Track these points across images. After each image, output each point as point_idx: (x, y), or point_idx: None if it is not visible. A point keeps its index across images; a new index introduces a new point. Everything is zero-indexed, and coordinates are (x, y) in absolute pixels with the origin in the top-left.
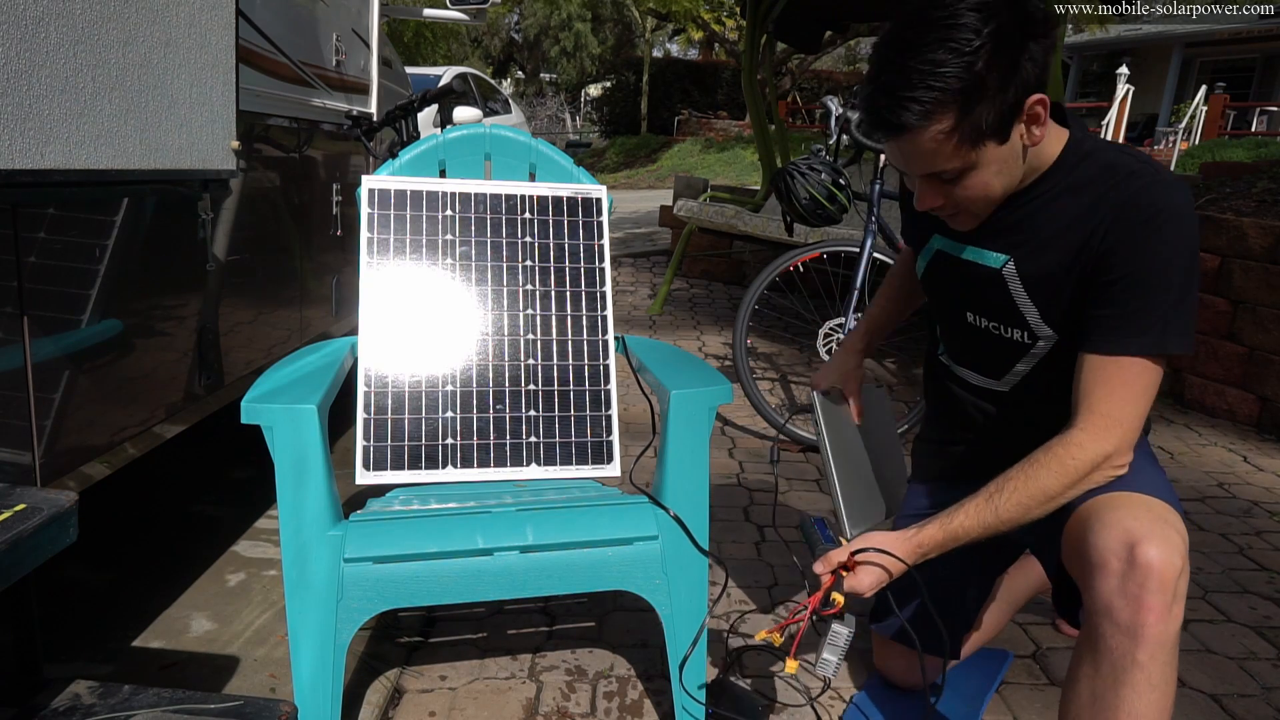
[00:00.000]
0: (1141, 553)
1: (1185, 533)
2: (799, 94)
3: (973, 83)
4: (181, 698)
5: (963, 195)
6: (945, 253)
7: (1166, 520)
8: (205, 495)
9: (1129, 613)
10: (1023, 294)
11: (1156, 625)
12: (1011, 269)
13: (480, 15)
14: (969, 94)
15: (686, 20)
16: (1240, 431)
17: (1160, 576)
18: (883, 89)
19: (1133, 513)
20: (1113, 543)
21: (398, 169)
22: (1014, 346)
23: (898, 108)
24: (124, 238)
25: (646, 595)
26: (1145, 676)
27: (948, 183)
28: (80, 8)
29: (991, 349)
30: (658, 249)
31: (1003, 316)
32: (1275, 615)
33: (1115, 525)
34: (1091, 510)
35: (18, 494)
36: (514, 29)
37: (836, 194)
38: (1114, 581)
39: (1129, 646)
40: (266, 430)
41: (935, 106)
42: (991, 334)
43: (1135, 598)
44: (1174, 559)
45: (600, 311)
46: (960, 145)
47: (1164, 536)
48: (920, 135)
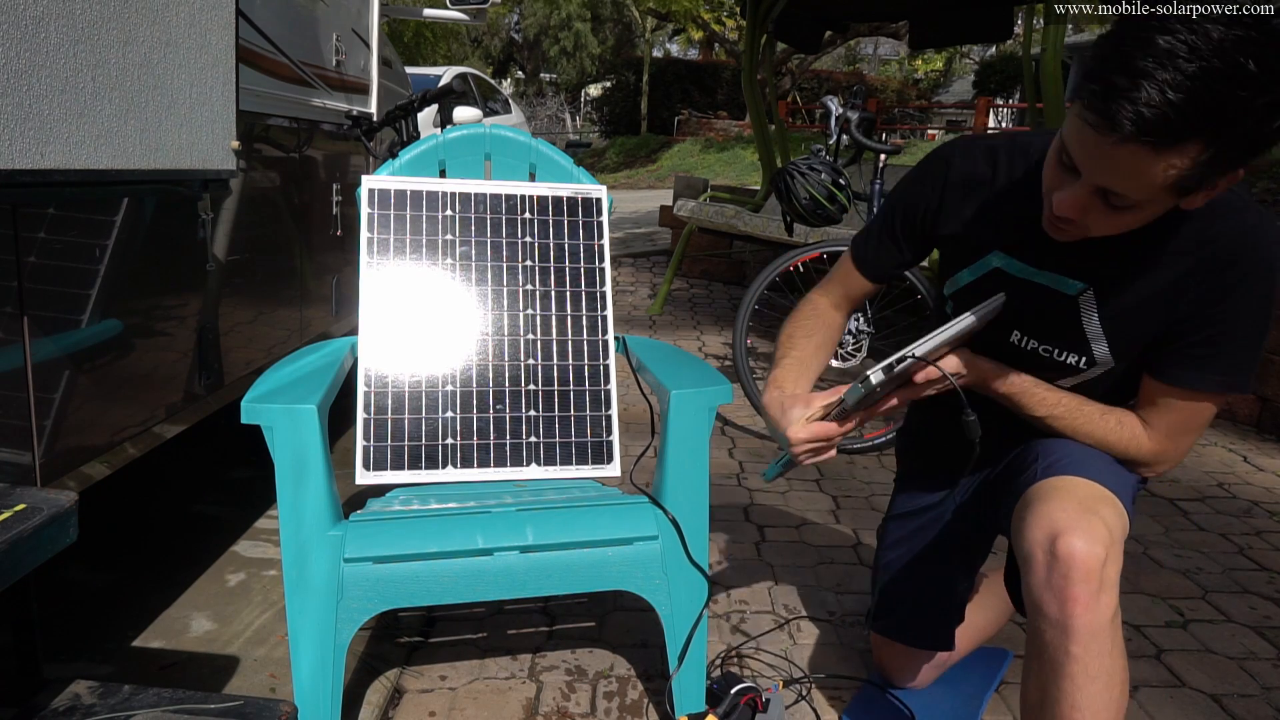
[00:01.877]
0: (1063, 544)
1: (1121, 518)
2: (799, 94)
3: (1242, 133)
4: (181, 698)
5: (1104, 224)
6: (1005, 271)
7: (1093, 509)
8: (205, 495)
9: (1056, 606)
10: (1096, 324)
11: (1084, 616)
12: (1090, 298)
13: (480, 15)
14: (1226, 145)
15: (686, 20)
16: (1240, 431)
17: (1083, 567)
18: (1149, 76)
19: (1060, 503)
20: (1038, 535)
21: (398, 169)
22: (1063, 368)
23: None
24: (124, 238)
25: (646, 595)
26: (1081, 668)
27: (1105, 204)
28: (80, 8)
29: (1031, 368)
30: (658, 249)
31: (1061, 342)
32: (1275, 615)
33: (1042, 517)
34: (1027, 500)
35: (18, 494)
36: (514, 29)
37: (836, 194)
38: (1040, 575)
39: (1061, 639)
40: (266, 430)
41: (1194, 136)
42: (1040, 356)
43: (1060, 590)
44: (1095, 549)
45: (600, 311)
46: (1168, 189)
47: (1087, 526)
48: (1156, 157)
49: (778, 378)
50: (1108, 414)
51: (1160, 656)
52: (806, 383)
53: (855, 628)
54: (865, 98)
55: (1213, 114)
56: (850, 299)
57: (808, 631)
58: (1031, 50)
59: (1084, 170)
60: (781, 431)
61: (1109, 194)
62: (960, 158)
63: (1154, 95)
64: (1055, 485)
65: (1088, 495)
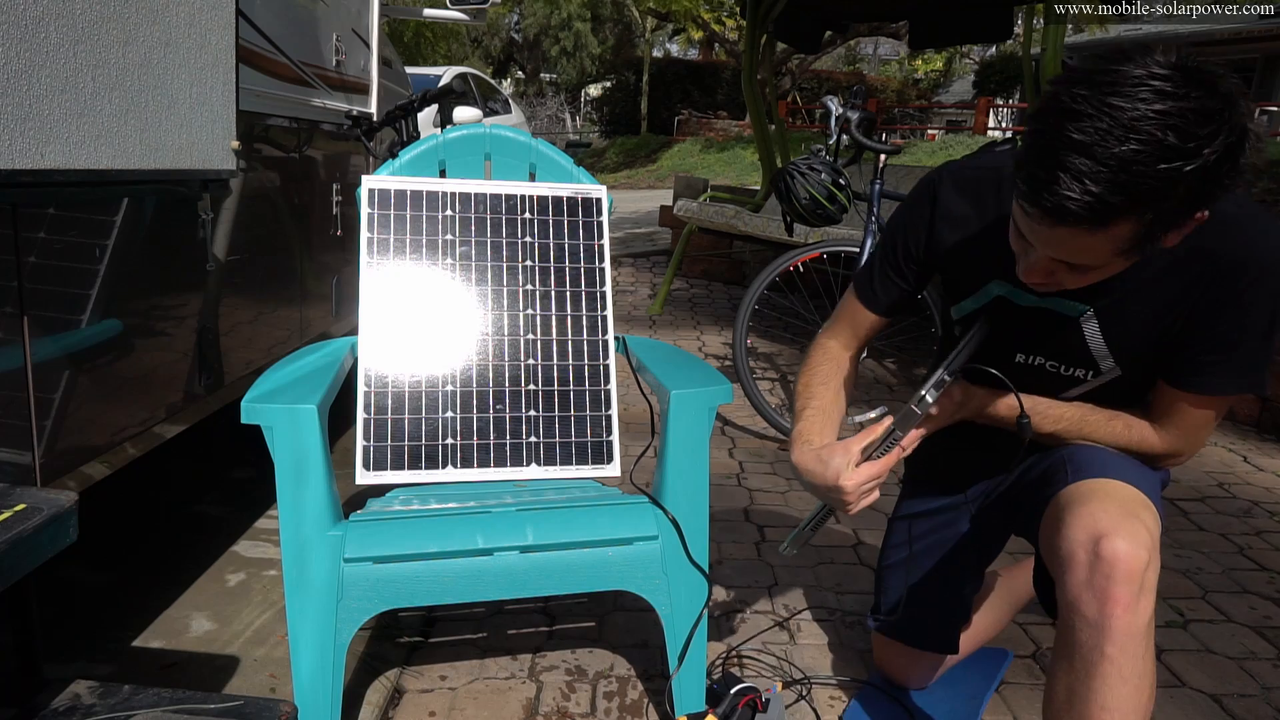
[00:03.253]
0: (1107, 546)
1: (1157, 524)
2: (799, 94)
3: (1177, 200)
4: (181, 698)
5: (1079, 280)
6: (1007, 299)
7: (1134, 513)
8: (205, 495)
9: (1095, 606)
10: (1099, 341)
11: (1123, 617)
12: (1092, 318)
13: (480, 15)
14: (1166, 211)
15: (686, 20)
16: (1240, 431)
17: (1126, 569)
18: (1067, 169)
19: (1101, 505)
20: (1080, 535)
21: (398, 169)
22: (1070, 381)
23: (1076, 199)
24: (124, 238)
25: (646, 595)
26: (1115, 669)
27: (1071, 268)
28: (80, 8)
29: (1038, 382)
30: (658, 249)
31: (1067, 358)
32: (1275, 615)
33: (1083, 518)
34: (1064, 502)
35: (18, 494)
36: (514, 29)
37: (836, 194)
38: (1081, 575)
39: (1097, 640)
40: (266, 430)
41: (1126, 215)
42: (1046, 371)
43: (1101, 590)
44: (1139, 551)
45: (600, 311)
46: (1118, 253)
47: (1130, 529)
48: (1095, 235)
49: (803, 432)
50: (1114, 419)
51: (1160, 656)
52: (831, 432)
53: (855, 628)
54: (865, 98)
55: (1138, 193)
56: (859, 337)
57: (808, 631)
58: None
59: (1037, 244)
60: (830, 483)
61: (1069, 262)
62: (945, 192)
63: (1074, 187)
64: (1094, 487)
65: (1128, 498)
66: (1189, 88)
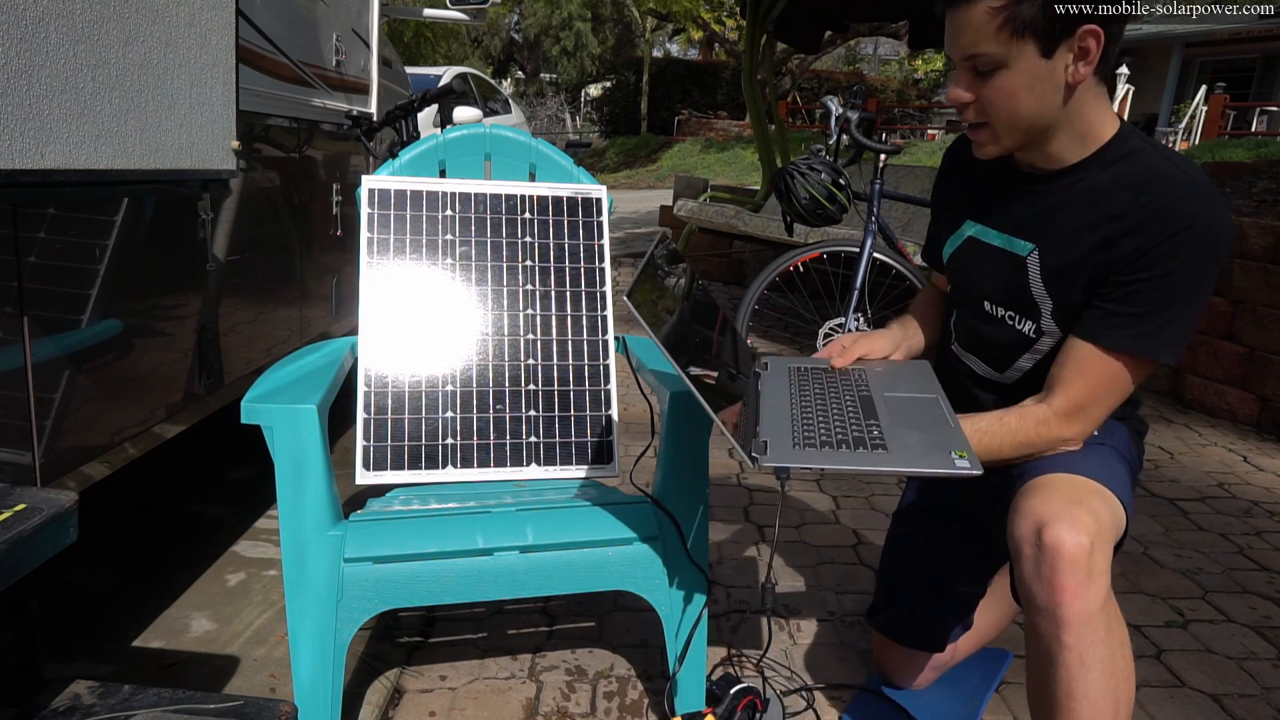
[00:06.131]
0: (1049, 534)
1: (1111, 508)
2: (799, 94)
3: None
4: (181, 698)
5: (990, 97)
6: (976, 238)
7: (1079, 500)
8: (205, 495)
9: (1045, 596)
10: (1039, 284)
11: (1073, 604)
12: (1035, 258)
13: (480, 15)
14: None
15: (686, 20)
16: (1240, 431)
17: (1069, 556)
18: None
19: (1045, 497)
20: (1024, 529)
21: (398, 169)
22: (1022, 340)
23: None
24: (124, 238)
25: (646, 595)
26: (1075, 657)
27: (980, 76)
28: (80, 8)
29: (1001, 340)
30: None
31: (1018, 306)
32: (1275, 615)
33: (1028, 513)
34: (1015, 502)
35: (18, 494)
36: (514, 29)
37: (836, 194)
38: (1029, 567)
39: (1053, 629)
40: (266, 430)
41: None
42: (1005, 324)
43: (1048, 580)
44: (1080, 537)
45: (600, 311)
46: (1002, 29)
47: (1072, 516)
48: (973, 6)
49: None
50: (1006, 415)
51: (1160, 656)
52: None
53: (855, 628)
54: (865, 98)
55: None
56: (942, 284)
57: (808, 631)
58: None
59: (951, 50)
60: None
61: (975, 60)
62: (954, 148)
63: None
64: (1040, 482)
65: (1074, 487)
66: None
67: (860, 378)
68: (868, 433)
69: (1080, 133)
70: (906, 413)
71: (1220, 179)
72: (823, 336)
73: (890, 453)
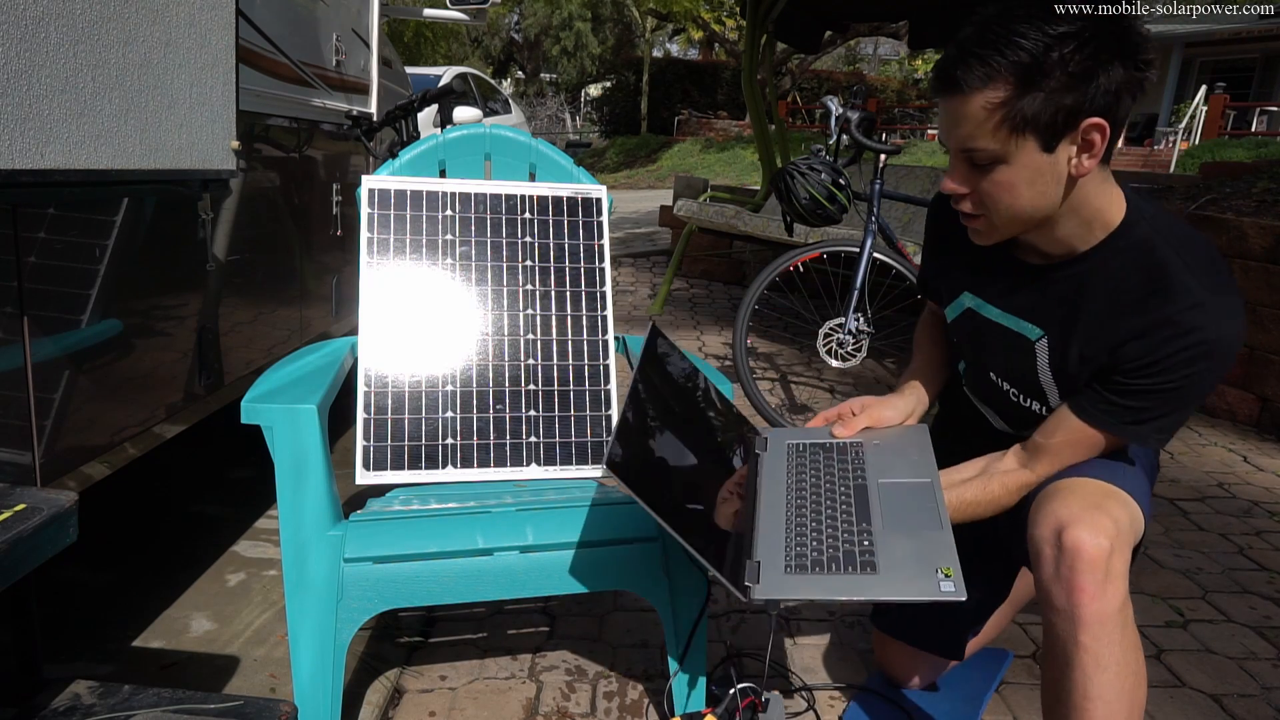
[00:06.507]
0: (1069, 536)
1: (1130, 512)
2: (799, 94)
3: (1039, 67)
4: (181, 698)
5: (988, 190)
6: (977, 312)
7: (1098, 504)
8: (205, 495)
9: (1064, 597)
10: (1048, 373)
11: (1091, 605)
12: (1044, 345)
13: (480, 15)
14: (1031, 76)
15: (686, 20)
16: (1240, 431)
17: (1088, 557)
18: (959, 43)
19: (1064, 500)
20: (1045, 531)
21: (398, 169)
22: (1030, 416)
23: (962, 63)
24: (124, 238)
25: (646, 595)
26: (1092, 658)
27: (978, 169)
28: (80, 8)
29: (1011, 412)
30: (658, 249)
31: (1024, 386)
32: (1275, 615)
33: (1048, 515)
34: (1035, 507)
35: (18, 494)
36: (514, 29)
37: (836, 194)
38: (1049, 569)
39: (1070, 630)
40: (266, 430)
41: (995, 73)
42: (1011, 399)
43: (1067, 581)
44: (1100, 540)
45: (600, 311)
46: (1001, 126)
47: (1092, 519)
48: (970, 99)
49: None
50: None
51: (1160, 656)
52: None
53: (855, 628)
54: (865, 98)
55: (997, 44)
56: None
57: (808, 631)
58: None
59: (947, 138)
60: None
61: (971, 154)
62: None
63: (957, 53)
64: (1061, 486)
65: (1094, 492)
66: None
67: (858, 458)
68: (859, 544)
69: (1086, 219)
70: (900, 507)
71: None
72: (823, 337)
73: (879, 575)
